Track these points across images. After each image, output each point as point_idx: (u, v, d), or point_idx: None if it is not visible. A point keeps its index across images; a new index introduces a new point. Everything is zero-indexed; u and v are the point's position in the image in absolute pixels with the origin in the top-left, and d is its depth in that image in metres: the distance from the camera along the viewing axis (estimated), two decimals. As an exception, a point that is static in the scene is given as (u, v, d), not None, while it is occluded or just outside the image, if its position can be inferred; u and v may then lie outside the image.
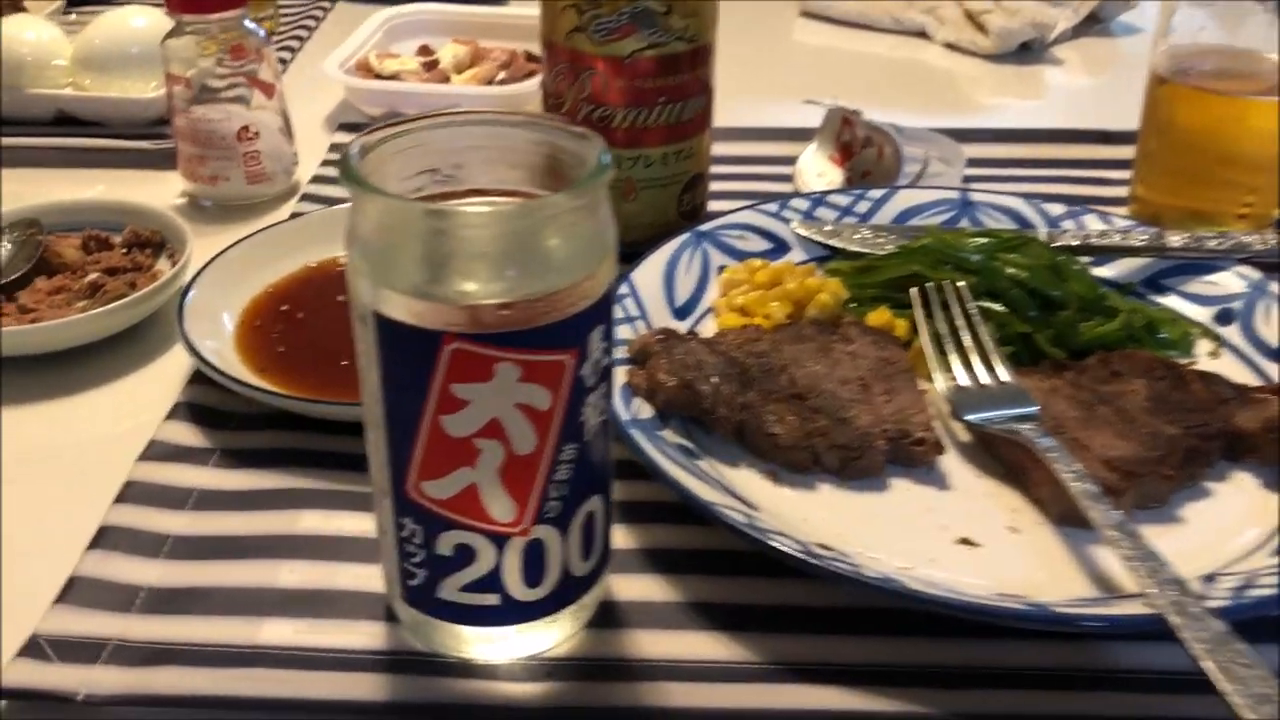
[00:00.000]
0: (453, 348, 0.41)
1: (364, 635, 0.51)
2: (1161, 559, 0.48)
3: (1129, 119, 0.84)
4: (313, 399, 0.61)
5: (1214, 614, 0.45)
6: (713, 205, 0.84)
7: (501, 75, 1.05)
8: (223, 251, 0.72)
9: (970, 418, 0.59)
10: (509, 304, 0.41)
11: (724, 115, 0.96)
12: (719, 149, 0.94)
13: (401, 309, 0.41)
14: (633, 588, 0.53)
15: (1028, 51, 1.20)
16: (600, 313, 0.43)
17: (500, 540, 0.45)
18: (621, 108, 0.75)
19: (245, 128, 0.84)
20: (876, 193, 0.79)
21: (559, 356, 0.42)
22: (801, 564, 0.48)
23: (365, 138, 0.44)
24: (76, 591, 0.52)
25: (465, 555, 0.45)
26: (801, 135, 0.94)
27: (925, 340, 0.64)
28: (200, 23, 0.82)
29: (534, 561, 0.46)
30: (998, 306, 0.66)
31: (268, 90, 0.87)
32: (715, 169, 0.90)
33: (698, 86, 0.76)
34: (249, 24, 0.84)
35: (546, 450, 0.43)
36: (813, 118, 0.92)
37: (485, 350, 0.41)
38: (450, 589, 0.46)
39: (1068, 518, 0.54)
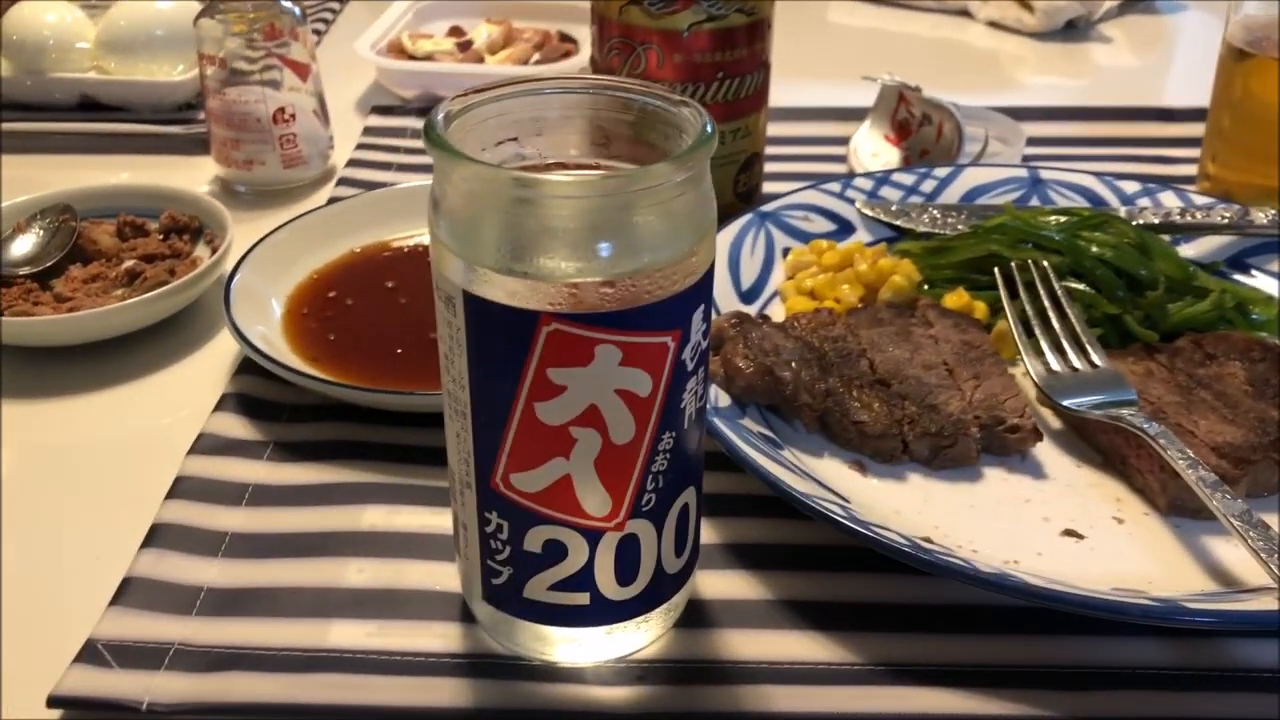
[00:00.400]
0: (550, 329, 0.38)
1: (439, 637, 0.48)
2: (1294, 551, 0.45)
3: (1179, 96, 0.81)
4: (369, 387, 0.58)
5: (1357, 609, 0.42)
6: (767, 187, 0.81)
7: (536, 56, 1.02)
8: (265, 236, 0.69)
9: (1068, 403, 0.56)
10: (611, 282, 0.38)
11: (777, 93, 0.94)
12: (772, 130, 0.91)
13: (496, 288, 0.38)
14: (720, 585, 0.50)
15: (1073, 30, 1.17)
16: (702, 292, 0.40)
17: (593, 536, 0.42)
18: (677, 84, 0.71)
19: (281, 109, 0.81)
20: (942, 171, 0.76)
21: (661, 338, 0.39)
22: (912, 559, 0.45)
23: (450, 103, 0.41)
24: (133, 593, 0.49)
25: (555, 552, 0.42)
26: (851, 115, 0.91)
27: (1013, 322, 0.61)
28: (234, 0, 0.79)
29: (628, 558, 0.43)
30: (1083, 287, 0.63)
31: (302, 71, 0.84)
32: (769, 150, 0.87)
33: (755, 62, 0.73)
34: (285, 2, 0.81)
35: (645, 439, 0.40)
36: (863, 97, 0.89)
37: (585, 331, 0.38)
38: (537, 588, 0.43)
39: (1177, 507, 0.52)
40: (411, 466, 0.56)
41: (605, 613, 0.44)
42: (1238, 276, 0.69)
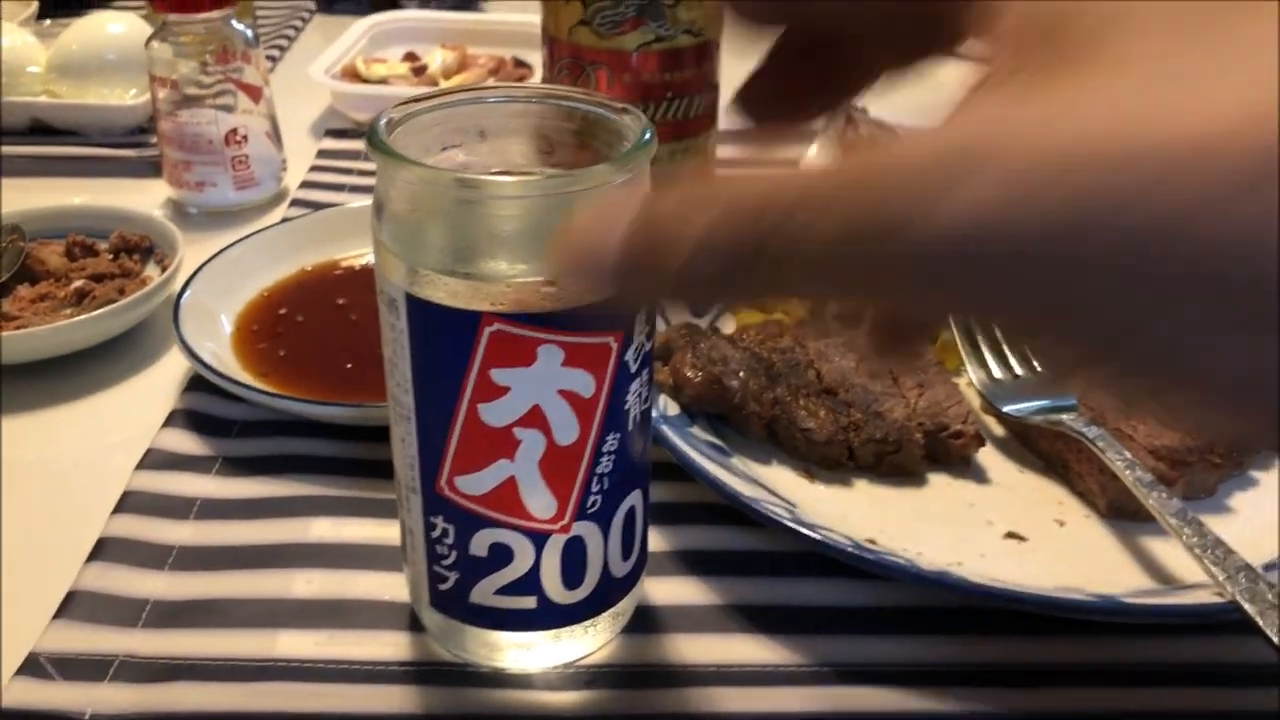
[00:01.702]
0: (493, 329, 0.38)
1: (386, 646, 0.48)
2: (1227, 546, 0.46)
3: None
4: (317, 400, 0.58)
5: (1288, 601, 0.43)
6: (717, 206, 0.82)
7: (490, 81, 1.03)
8: (217, 254, 0.69)
9: (1009, 409, 0.57)
10: (553, 282, 0.38)
11: (724, 115, 0.95)
12: (719, 151, 0.92)
13: (438, 289, 0.38)
14: (668, 591, 0.50)
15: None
16: None
17: (539, 539, 0.42)
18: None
19: (233, 131, 0.82)
20: (888, 188, 0.77)
21: (604, 339, 0.40)
22: (855, 560, 0.46)
23: (392, 110, 0.41)
24: (77, 606, 0.49)
25: (501, 555, 0.42)
26: (803, 136, 0.92)
27: (956, 331, 0.62)
28: (186, 23, 0.79)
29: (574, 561, 0.43)
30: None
31: (254, 94, 0.84)
32: (720, 171, 0.88)
33: (703, 83, 0.74)
34: (236, 25, 0.82)
35: (590, 440, 0.41)
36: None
37: (527, 332, 0.38)
38: (484, 592, 0.43)
39: (1117, 509, 0.52)
40: (360, 479, 0.57)
41: (552, 617, 0.44)
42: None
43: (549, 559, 0.42)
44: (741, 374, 0.58)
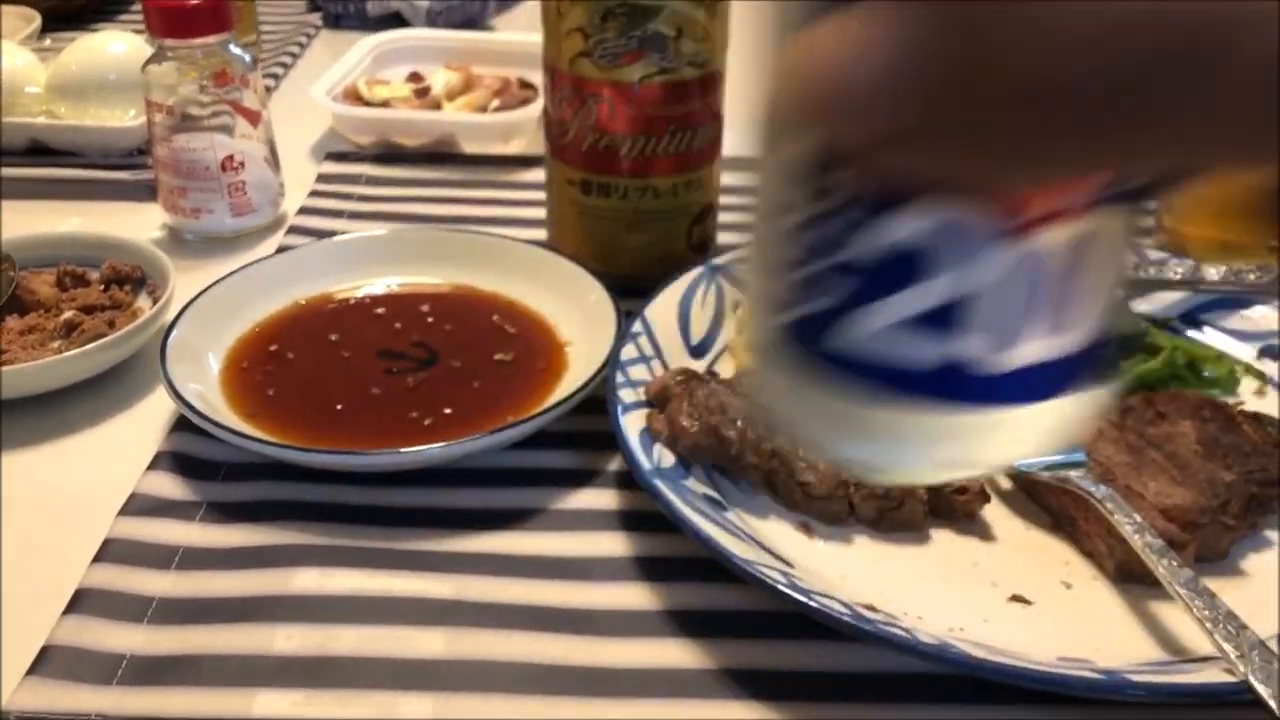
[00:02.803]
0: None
1: (368, 706, 0.46)
2: (1241, 621, 0.44)
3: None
4: (305, 447, 0.57)
5: (1304, 682, 0.41)
6: (722, 238, 0.80)
7: (495, 102, 1.01)
8: (207, 288, 0.67)
9: (1019, 465, 0.55)
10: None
11: (734, 144, 0.93)
12: (727, 179, 0.90)
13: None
14: (656, 653, 0.49)
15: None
16: None
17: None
18: (629, 136, 0.71)
19: (230, 157, 0.80)
20: (895, 224, 0.75)
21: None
22: (851, 629, 0.44)
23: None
24: (52, 661, 0.47)
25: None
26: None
27: (961, 381, 0.60)
28: (183, 47, 0.78)
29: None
30: (1035, 344, 0.62)
31: (253, 118, 0.83)
32: (723, 200, 0.87)
33: (708, 115, 0.73)
34: (234, 49, 0.80)
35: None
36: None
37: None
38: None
39: (1125, 572, 0.51)
40: (347, 526, 0.55)
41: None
42: (1191, 332, 0.68)
43: None
44: (739, 423, 0.56)
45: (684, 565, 0.52)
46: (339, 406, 0.61)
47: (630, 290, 0.69)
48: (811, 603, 0.45)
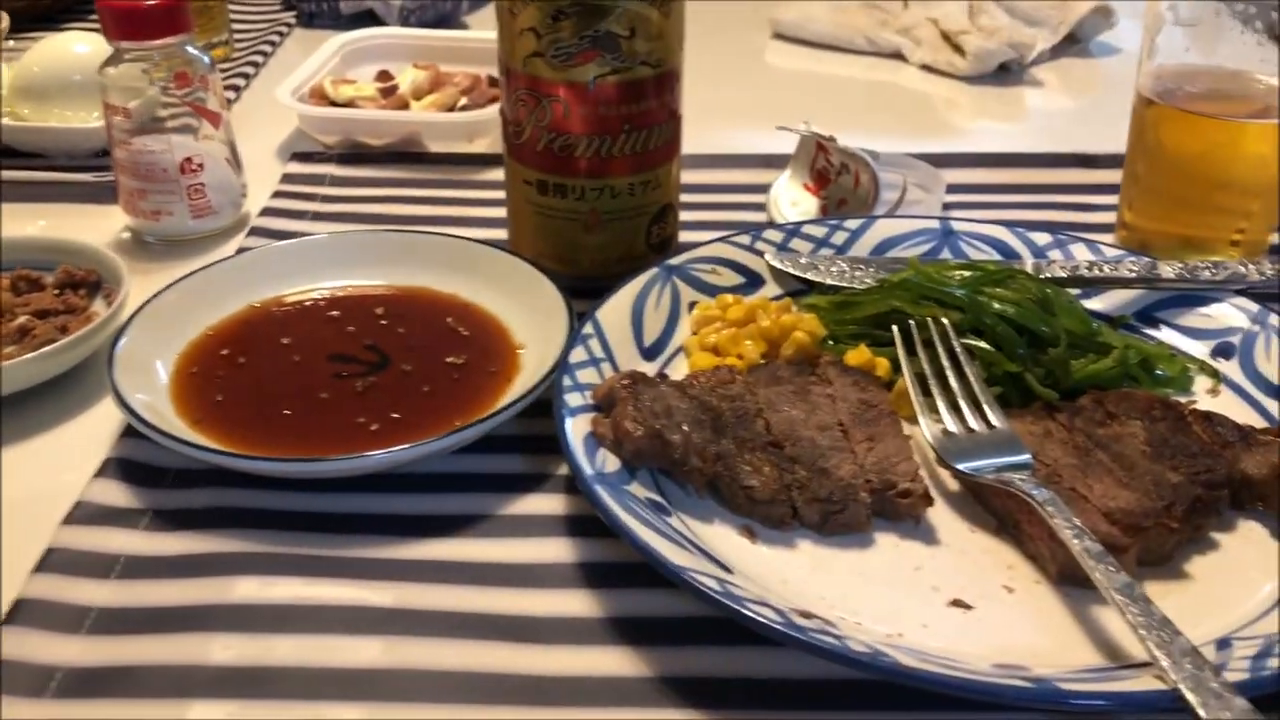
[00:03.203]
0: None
1: (301, 716, 0.46)
2: (1174, 628, 0.44)
3: (1111, 142, 0.81)
4: (245, 454, 0.56)
5: (1234, 689, 0.41)
6: (683, 236, 0.80)
7: (463, 101, 1.01)
8: (157, 294, 0.67)
9: (961, 466, 0.55)
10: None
11: (696, 141, 0.93)
12: (689, 177, 0.90)
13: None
14: (596, 661, 0.49)
15: (1006, 73, 1.17)
16: None
17: None
18: (584, 136, 0.70)
19: (189, 159, 0.80)
20: (854, 223, 0.75)
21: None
22: (782, 636, 0.44)
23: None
24: (-15, 675, 0.47)
25: None
26: (775, 162, 0.91)
27: (909, 382, 0.60)
28: (141, 49, 0.78)
29: None
30: (983, 344, 0.62)
31: (214, 119, 0.82)
32: (685, 198, 0.86)
33: (664, 113, 0.72)
34: (192, 50, 0.80)
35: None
36: (787, 144, 0.89)
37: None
38: None
39: (1067, 576, 0.50)
40: (292, 533, 0.55)
41: None
42: (1148, 331, 0.68)
43: None
44: (685, 426, 0.56)
45: (628, 571, 0.52)
46: (286, 412, 0.61)
47: (590, 291, 0.68)
48: (744, 610, 0.45)
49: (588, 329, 0.63)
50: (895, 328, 0.63)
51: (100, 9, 0.76)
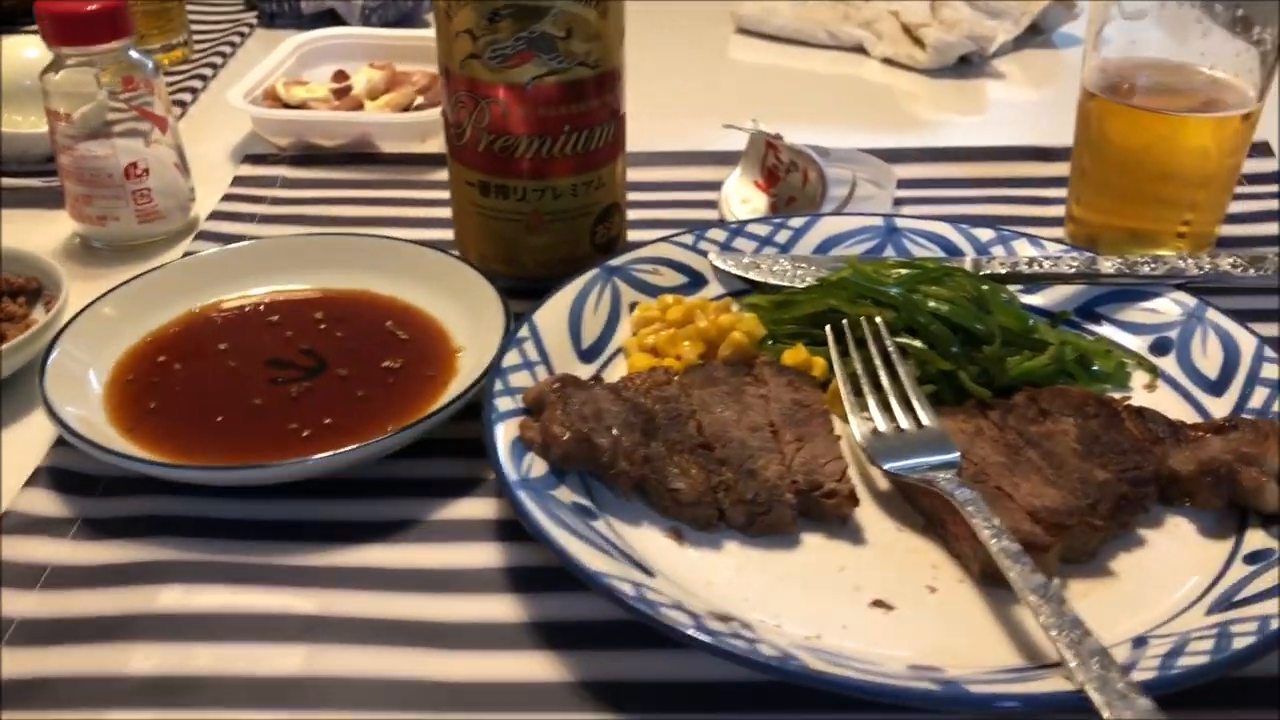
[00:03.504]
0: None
1: (219, 728, 0.46)
2: (1085, 628, 0.44)
3: (1072, 133, 0.80)
4: (170, 463, 0.56)
5: (1141, 688, 0.41)
6: (637, 234, 0.80)
7: (419, 100, 1.01)
8: (92, 303, 0.67)
9: (887, 466, 0.55)
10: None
11: (657, 136, 0.93)
12: (641, 175, 0.90)
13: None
14: (516, 666, 0.49)
15: (967, 65, 1.17)
16: None
17: None
18: (524, 137, 0.70)
19: (134, 164, 0.80)
20: (797, 221, 0.75)
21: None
22: (691, 641, 0.44)
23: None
24: (-100, 689, 0.47)
25: None
26: (729, 159, 0.90)
27: (840, 382, 0.59)
28: (81, 54, 0.77)
29: None
30: (918, 343, 0.62)
31: (160, 124, 0.82)
32: (637, 196, 0.86)
33: (605, 113, 0.72)
34: (135, 55, 0.80)
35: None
36: (741, 140, 0.88)
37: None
38: None
39: (990, 575, 0.50)
40: (220, 541, 0.55)
41: None
42: (1090, 325, 0.68)
43: None
44: (615, 430, 0.56)
45: (553, 576, 0.52)
46: (219, 419, 0.61)
47: (536, 292, 0.68)
48: (655, 615, 0.45)
49: (523, 332, 0.63)
50: (828, 327, 0.62)
51: (39, 14, 0.76)
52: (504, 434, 0.55)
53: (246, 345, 0.67)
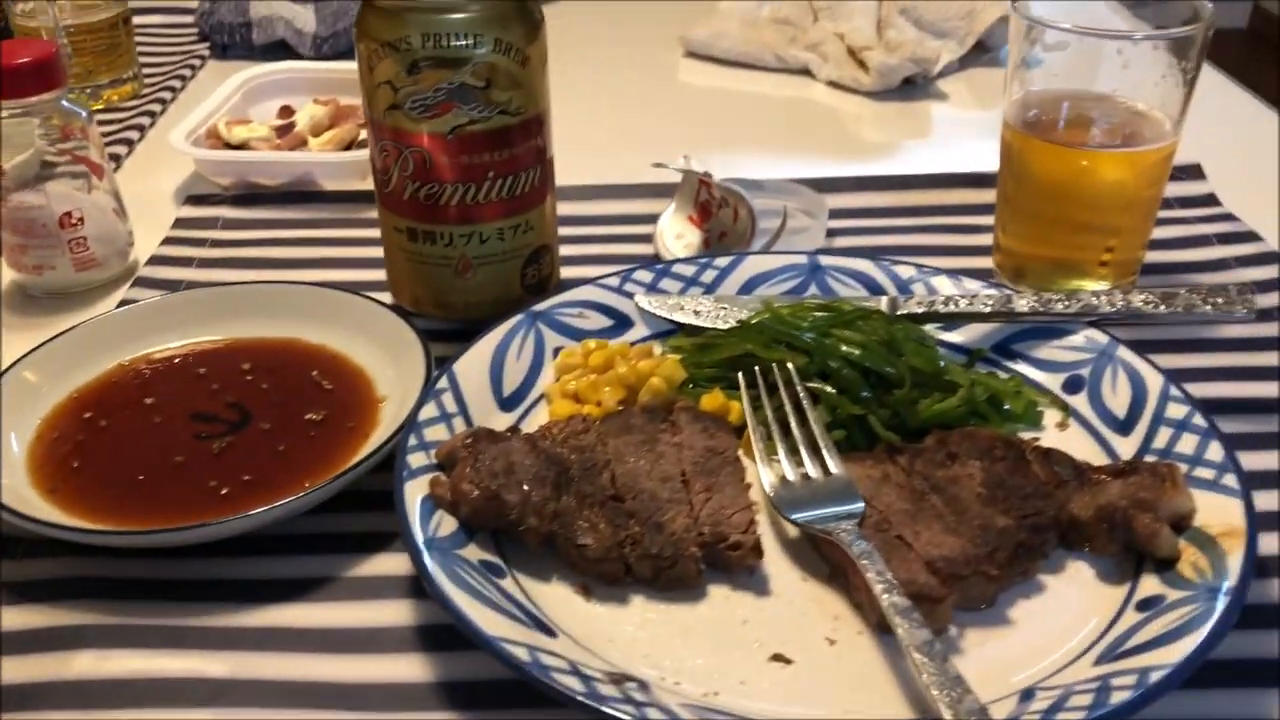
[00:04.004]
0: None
1: (124, 799, 0.47)
2: (965, 686, 0.45)
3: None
4: (90, 529, 0.57)
5: (1015, 749, 0.42)
6: (575, 270, 0.81)
7: (362, 135, 1.01)
8: (13, 365, 0.67)
9: (793, 516, 0.56)
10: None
11: (605, 164, 0.94)
12: (579, 209, 0.91)
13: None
14: (421, 728, 0.49)
15: (913, 86, 1.18)
16: None
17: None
18: (449, 184, 0.71)
19: (68, 213, 0.80)
20: (723, 260, 0.76)
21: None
22: (579, 706, 0.45)
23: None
24: None
25: None
26: (667, 191, 0.91)
27: (752, 429, 0.60)
28: (14, 107, 0.78)
29: None
30: (829, 388, 0.63)
31: (97, 171, 0.83)
32: (574, 231, 0.87)
33: (531, 158, 0.73)
34: (68, 104, 0.80)
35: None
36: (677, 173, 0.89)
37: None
38: None
39: (886, 627, 0.51)
40: (136, 603, 0.56)
41: None
42: (1008, 363, 0.69)
43: None
44: (526, 485, 0.56)
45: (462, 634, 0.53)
46: (141, 477, 0.61)
47: (469, 334, 0.69)
48: (547, 680, 0.46)
49: (442, 383, 0.63)
50: (740, 373, 0.63)
51: (-33, 68, 0.77)
52: (413, 492, 0.56)
53: (173, 399, 0.67)
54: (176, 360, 0.71)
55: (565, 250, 0.83)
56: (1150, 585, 0.53)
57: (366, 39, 0.69)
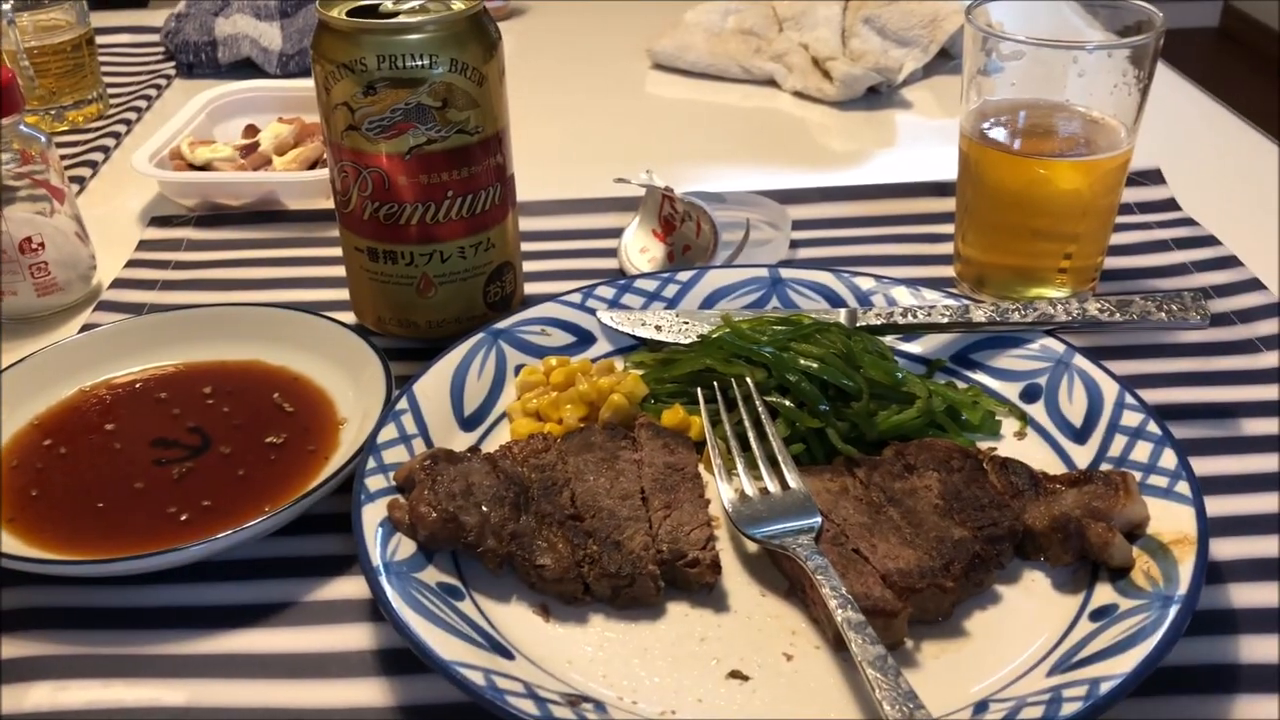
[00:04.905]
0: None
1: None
2: (918, 702, 0.45)
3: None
4: (47, 559, 0.57)
5: (966, 763, 0.42)
6: (539, 285, 0.81)
7: (327, 154, 1.01)
8: (-28, 391, 0.67)
9: (751, 532, 0.56)
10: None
11: (573, 177, 0.94)
12: (543, 224, 0.91)
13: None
14: (379, 753, 0.49)
15: (877, 95, 1.18)
16: None
17: None
18: (408, 204, 0.71)
19: (28, 239, 0.80)
20: (685, 274, 0.76)
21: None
22: (535, 730, 0.45)
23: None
24: None
25: None
26: (632, 204, 0.91)
27: (711, 445, 0.61)
28: (-29, 131, 0.78)
29: None
30: (788, 402, 0.63)
31: (58, 195, 0.83)
32: (538, 246, 0.88)
33: (490, 176, 0.73)
34: (26, 129, 0.80)
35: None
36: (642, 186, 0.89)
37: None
38: None
39: (842, 641, 0.51)
40: (94, 633, 0.55)
41: None
42: (967, 373, 0.69)
43: None
44: (484, 506, 0.56)
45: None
46: (100, 505, 0.61)
47: (432, 352, 0.69)
48: (502, 704, 0.46)
49: (401, 404, 0.63)
50: (700, 389, 0.64)
51: (-78, 95, 0.76)
52: (371, 515, 0.56)
53: (133, 425, 0.67)
54: (138, 385, 0.71)
55: (529, 266, 0.83)
56: (1104, 594, 0.53)
57: (323, 60, 0.69)
